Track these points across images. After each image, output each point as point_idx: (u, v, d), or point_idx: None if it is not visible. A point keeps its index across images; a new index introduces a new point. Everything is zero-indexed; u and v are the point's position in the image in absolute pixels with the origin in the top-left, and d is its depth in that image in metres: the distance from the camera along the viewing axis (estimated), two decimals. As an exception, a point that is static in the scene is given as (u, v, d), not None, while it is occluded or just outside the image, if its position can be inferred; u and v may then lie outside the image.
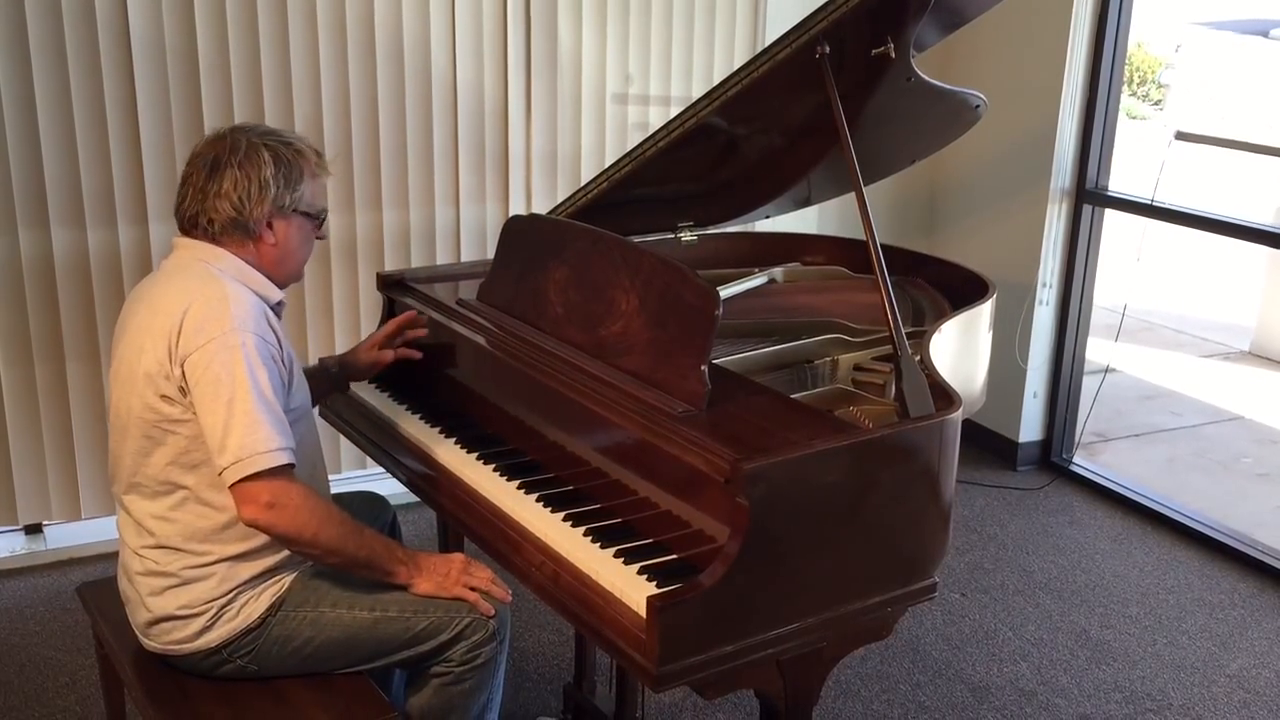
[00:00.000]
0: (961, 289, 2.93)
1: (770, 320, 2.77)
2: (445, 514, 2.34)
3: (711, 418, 2.02)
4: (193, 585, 2.05)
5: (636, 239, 3.07)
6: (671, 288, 2.18)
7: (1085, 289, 4.34)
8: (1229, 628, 3.43)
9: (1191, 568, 3.79)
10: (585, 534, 2.07)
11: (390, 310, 2.87)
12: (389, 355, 2.61)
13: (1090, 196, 4.22)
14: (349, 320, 3.82)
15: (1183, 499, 4.25)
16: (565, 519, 2.12)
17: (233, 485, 1.95)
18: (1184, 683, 3.15)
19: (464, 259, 3.90)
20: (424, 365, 2.81)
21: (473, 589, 2.15)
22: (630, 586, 1.90)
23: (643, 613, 1.80)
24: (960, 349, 2.62)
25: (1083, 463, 4.49)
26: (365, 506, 2.58)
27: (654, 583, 1.90)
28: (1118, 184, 4.26)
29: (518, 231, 2.64)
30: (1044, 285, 4.30)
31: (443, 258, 3.89)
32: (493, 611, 2.14)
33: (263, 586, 2.08)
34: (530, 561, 2.07)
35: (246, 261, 2.12)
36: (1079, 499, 4.28)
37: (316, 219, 2.21)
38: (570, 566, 2.01)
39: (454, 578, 2.15)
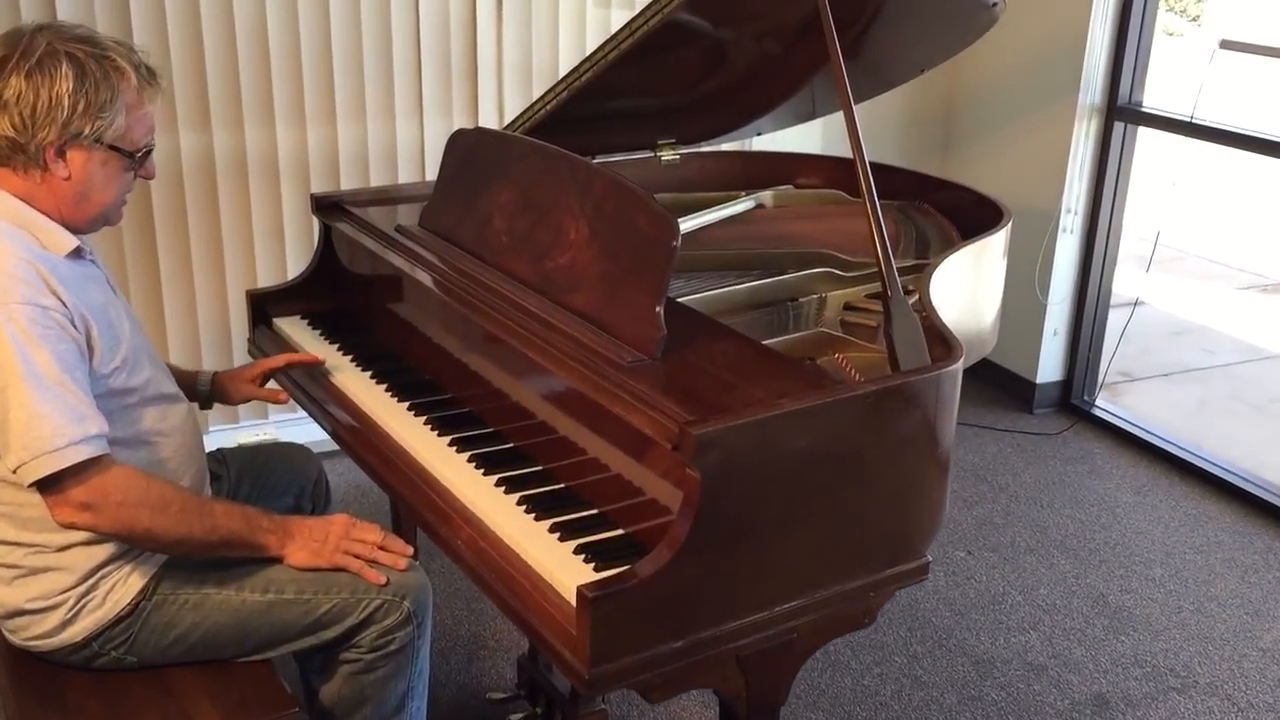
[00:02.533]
0: (974, 216, 2.62)
1: (753, 251, 2.47)
2: (370, 473, 2.08)
3: (666, 368, 1.74)
4: (42, 575, 1.79)
5: (608, 159, 2.80)
6: (624, 213, 1.89)
7: (1114, 216, 4.02)
8: (1263, 593, 3.16)
9: (1222, 524, 3.51)
10: (519, 502, 1.80)
11: (327, 238, 2.58)
12: (261, 392, 2.27)
13: (1122, 113, 3.88)
14: (275, 247, 3.52)
15: (1213, 446, 3.96)
16: (498, 483, 1.86)
17: (35, 486, 1.66)
18: (1212, 657, 2.89)
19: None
20: (360, 302, 2.53)
21: (357, 555, 1.88)
22: (562, 569, 1.64)
23: (574, 602, 1.54)
24: (969, 284, 2.32)
25: (1106, 406, 4.19)
26: (285, 461, 2.32)
27: (591, 564, 1.64)
28: (1152, 102, 3.92)
29: (462, 148, 2.34)
30: (1068, 212, 3.98)
31: (406, 178, 3.58)
32: (382, 580, 1.87)
33: (128, 568, 1.82)
34: (456, 533, 1.81)
35: (28, 198, 1.75)
36: (1100, 445, 3.99)
37: (131, 156, 1.80)
38: (496, 541, 1.75)
39: (332, 543, 1.87)
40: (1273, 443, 4.29)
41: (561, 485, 1.85)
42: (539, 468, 1.90)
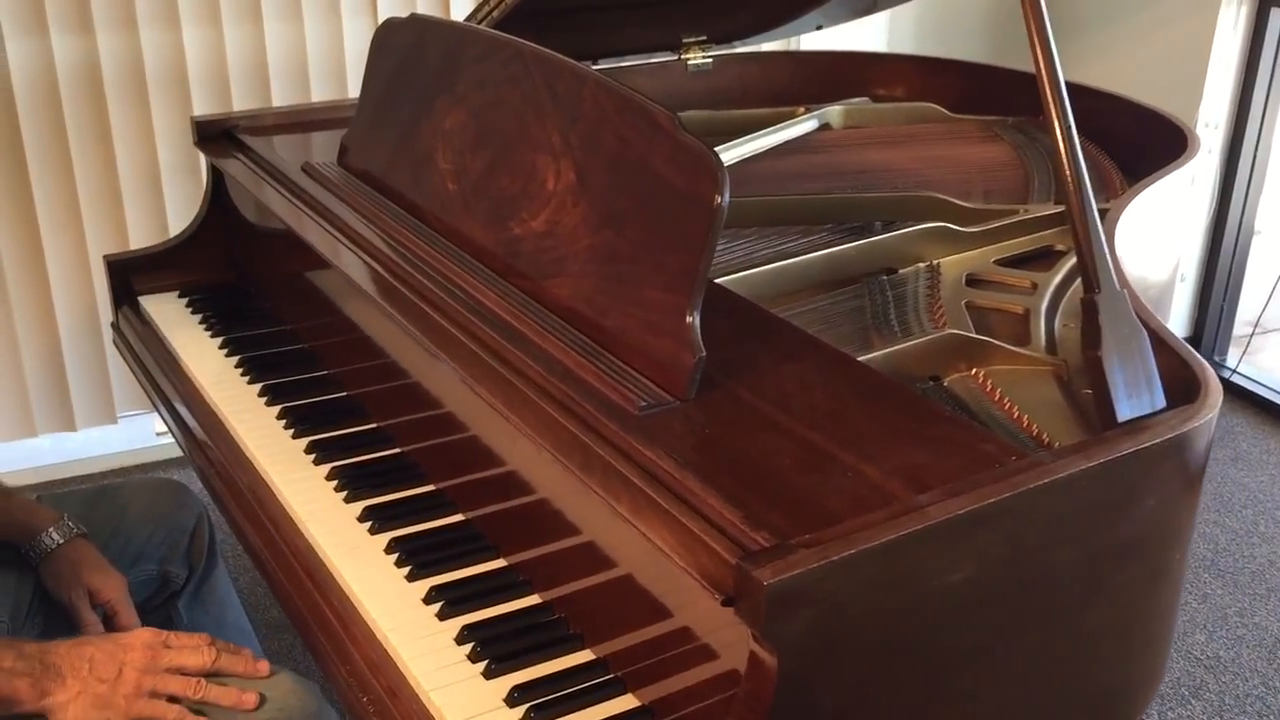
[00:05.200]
0: (1134, 142, 1.89)
1: (820, 194, 1.75)
2: (235, 531, 1.40)
3: (704, 422, 1.03)
4: None
5: (614, 65, 2.10)
6: (633, 149, 1.17)
7: (1263, 129, 3.30)
8: None
9: None
10: (468, 648, 1.11)
11: (215, 180, 1.86)
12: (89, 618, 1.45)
13: (1277, -2, 3.15)
14: (150, 197, 2.60)
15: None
16: (430, 598, 1.16)
17: None
18: None
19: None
20: (259, 278, 1.83)
21: (174, 697, 1.21)
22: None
23: None
24: (1155, 246, 1.60)
25: (1248, 374, 3.44)
26: (147, 506, 1.63)
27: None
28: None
29: (393, 48, 1.62)
30: (1205, 125, 3.26)
31: (323, 95, 2.77)
32: None
33: None
34: (349, 671, 1.12)
35: None
36: (1244, 422, 3.26)
37: None
38: (420, 713, 1.06)
39: (130, 682, 1.19)
40: None
41: (531, 605, 1.17)
42: (498, 564, 1.21)
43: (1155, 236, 1.64)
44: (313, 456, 1.41)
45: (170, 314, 1.79)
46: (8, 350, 2.56)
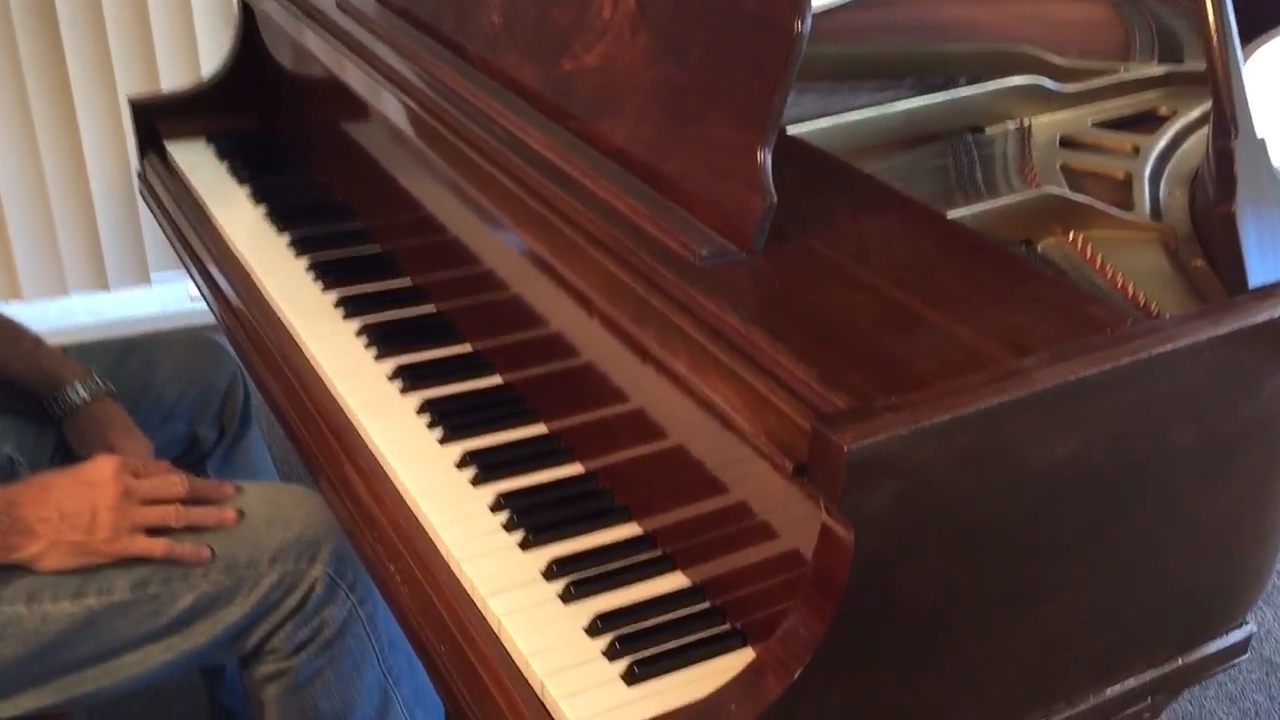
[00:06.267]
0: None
1: (902, 47, 1.61)
2: (259, 385, 1.32)
3: (773, 274, 0.92)
4: None
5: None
6: (702, -31, 1.04)
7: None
8: None
9: None
10: (504, 516, 1.02)
11: (247, 18, 1.74)
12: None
13: None
14: (182, 34, 2.47)
15: None
16: (463, 462, 1.07)
17: None
18: None
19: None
20: (292, 125, 1.72)
21: (156, 528, 1.15)
22: (566, 671, 0.86)
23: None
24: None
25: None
26: (180, 364, 1.55)
27: (624, 660, 0.87)
28: None
29: None
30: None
31: None
32: (206, 556, 1.16)
33: None
34: (375, 538, 1.04)
35: None
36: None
37: None
38: (450, 585, 0.97)
39: (106, 524, 1.12)
40: None
41: (581, 479, 1.07)
42: (544, 447, 1.11)
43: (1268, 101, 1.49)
44: (342, 311, 1.31)
45: (197, 160, 1.68)
46: (37, 202, 2.47)
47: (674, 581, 0.96)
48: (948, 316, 0.87)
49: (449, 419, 1.13)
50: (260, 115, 1.76)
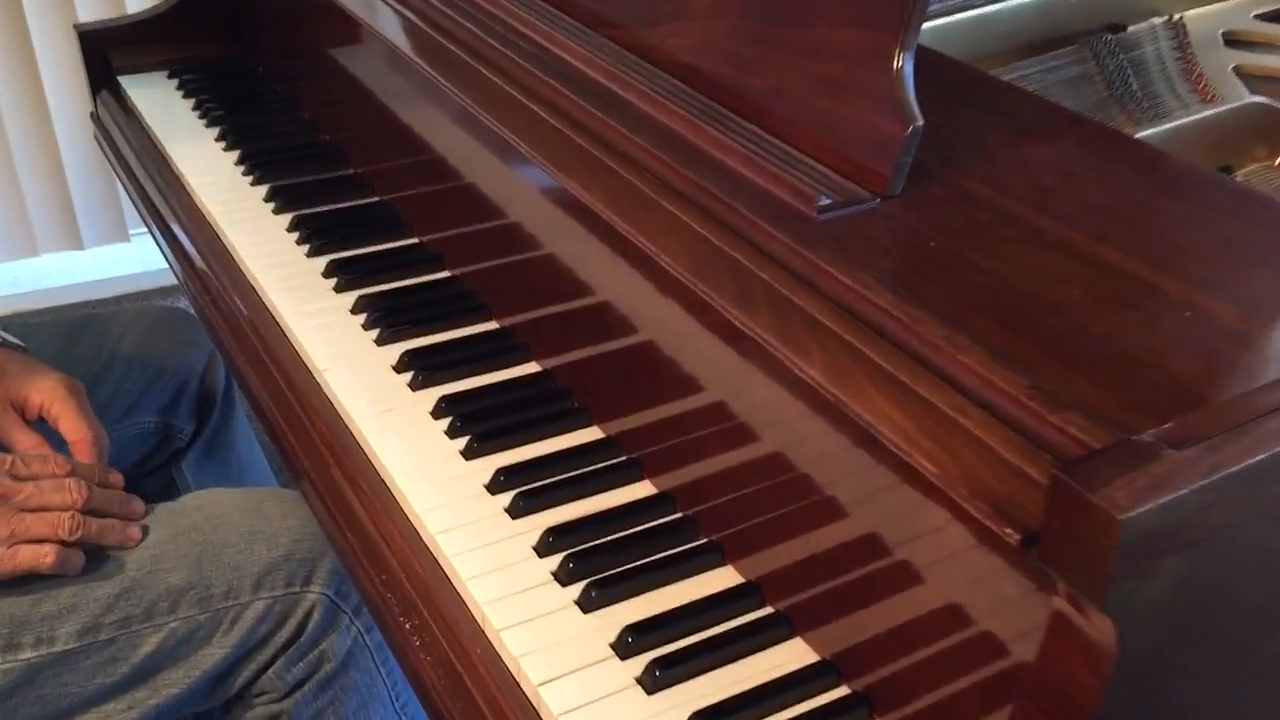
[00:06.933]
0: None
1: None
2: (245, 393, 1.06)
3: (922, 227, 0.66)
4: None
5: None
6: None
7: None
8: None
9: None
10: (559, 561, 0.77)
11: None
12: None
13: None
14: None
15: None
16: (499, 483, 0.82)
17: None
18: None
19: None
20: (262, 36, 1.45)
21: (41, 538, 0.93)
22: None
23: None
24: None
25: None
26: (149, 336, 1.31)
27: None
28: None
29: None
30: None
31: None
32: (136, 536, 0.97)
33: None
34: (394, 597, 0.79)
35: None
36: None
37: None
38: (474, 648, 0.72)
39: None
40: None
41: (668, 511, 0.82)
42: (608, 464, 0.86)
43: None
44: (334, 281, 1.05)
45: (157, 98, 1.41)
46: (-1, 154, 2.22)
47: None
48: (1187, 283, 0.61)
49: (473, 423, 0.87)
50: (231, 39, 1.48)
